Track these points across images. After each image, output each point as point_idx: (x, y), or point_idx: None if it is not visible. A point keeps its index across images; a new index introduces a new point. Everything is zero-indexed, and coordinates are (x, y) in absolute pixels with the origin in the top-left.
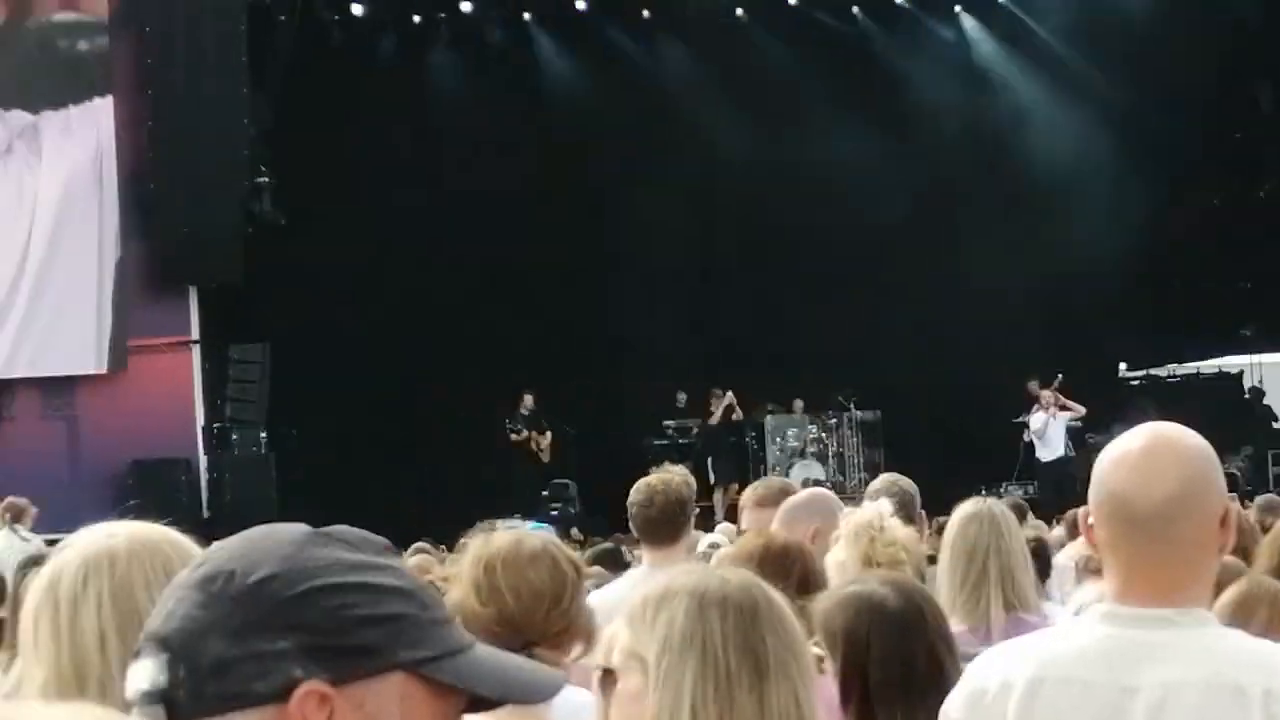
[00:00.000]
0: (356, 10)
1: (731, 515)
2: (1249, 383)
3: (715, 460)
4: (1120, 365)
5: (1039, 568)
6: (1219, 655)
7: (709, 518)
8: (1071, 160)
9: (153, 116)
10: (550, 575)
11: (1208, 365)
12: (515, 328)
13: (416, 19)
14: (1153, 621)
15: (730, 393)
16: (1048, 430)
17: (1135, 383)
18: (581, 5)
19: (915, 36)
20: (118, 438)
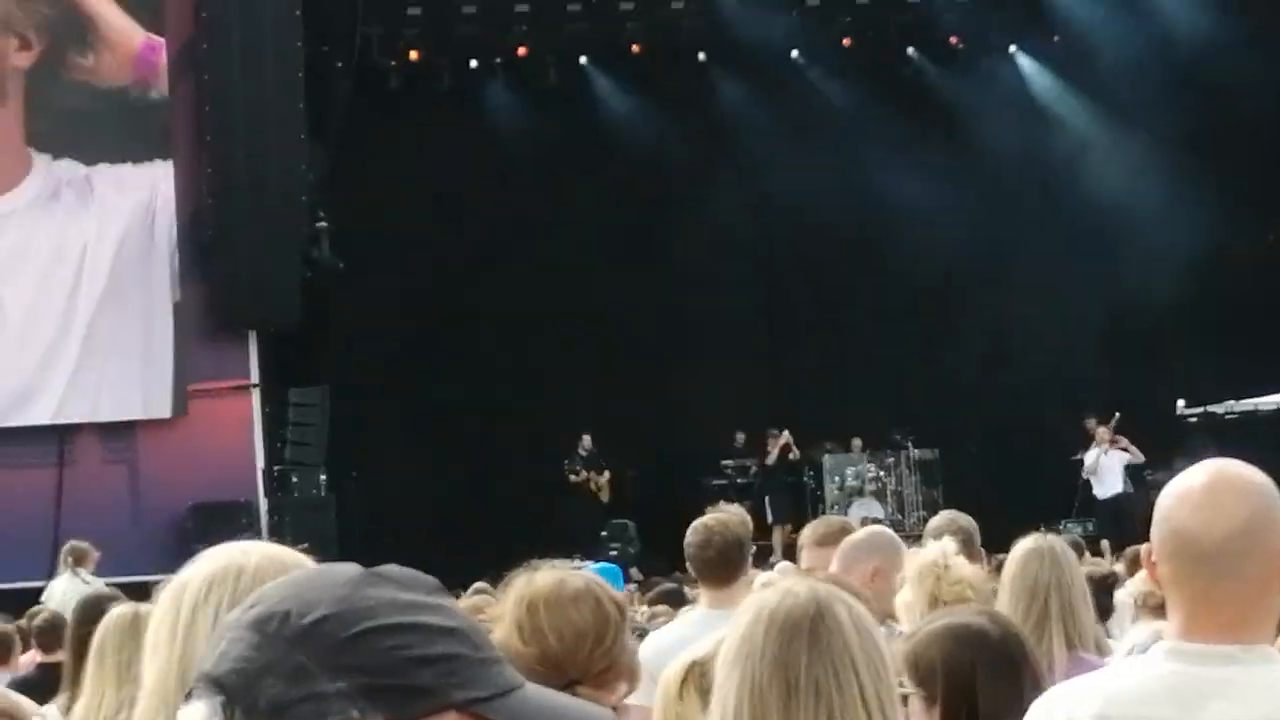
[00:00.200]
0: (413, 55)
1: (790, 554)
2: None
3: (773, 499)
4: (1178, 402)
5: (1103, 605)
6: None
7: (766, 557)
8: (1128, 195)
9: (211, 163)
10: (593, 615)
11: (1267, 402)
12: (574, 368)
13: (473, 63)
14: (1217, 658)
15: (786, 432)
16: (1100, 466)
17: (1193, 419)
18: (637, 49)
19: (971, 75)
20: (178, 481)
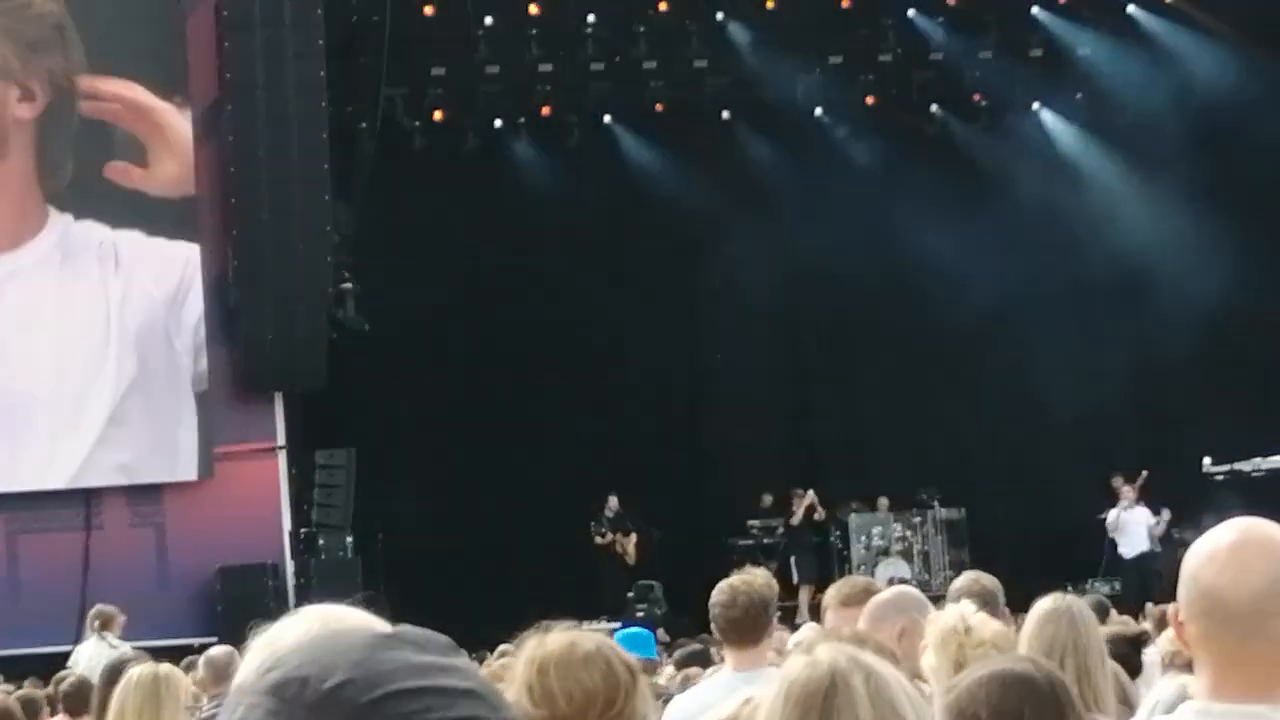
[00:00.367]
0: (437, 116)
1: (815, 615)
2: None
3: (798, 559)
4: (1205, 460)
5: (1133, 663)
6: None
7: (792, 617)
8: (1153, 250)
9: (237, 225)
10: (603, 678)
11: None
12: (599, 428)
13: (497, 123)
14: (1246, 717)
15: (811, 492)
16: (1123, 524)
17: (1220, 478)
18: (660, 107)
19: (994, 131)
20: (205, 544)
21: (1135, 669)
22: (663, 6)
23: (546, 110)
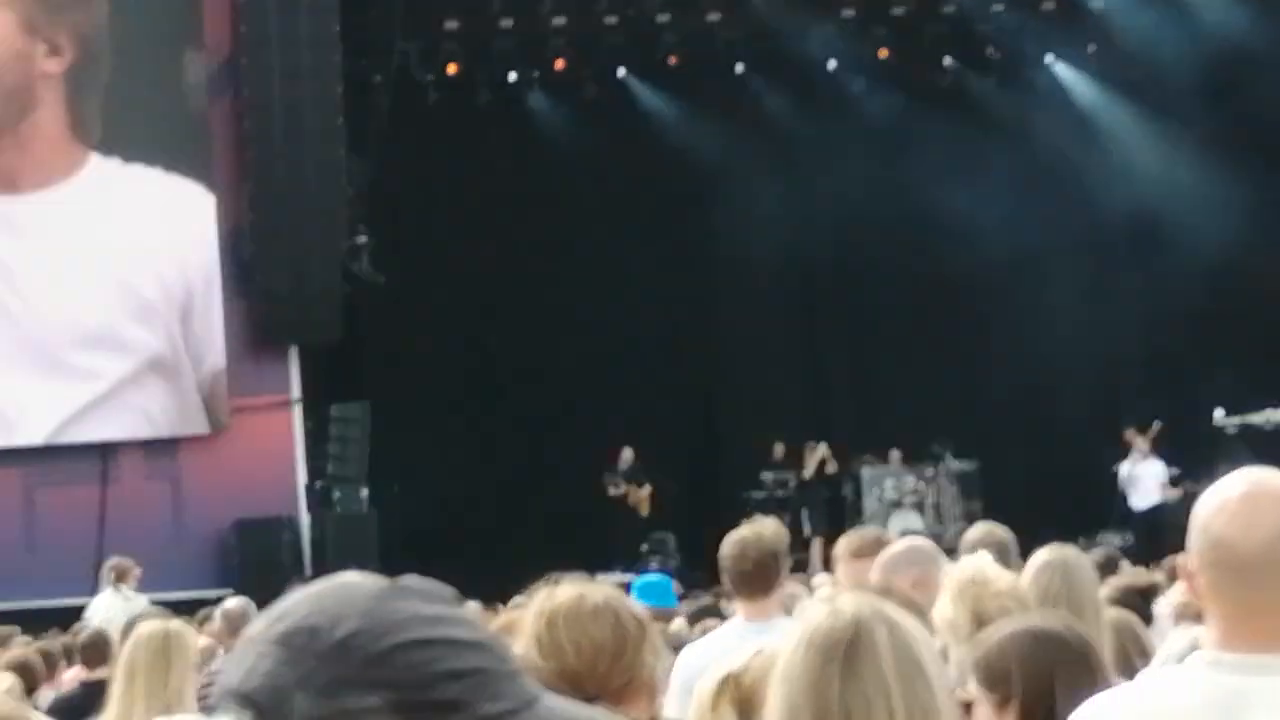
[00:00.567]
0: (451, 69)
1: (827, 567)
2: None
3: (810, 512)
4: (1217, 412)
5: (1143, 616)
6: None
7: (804, 570)
8: (1166, 203)
9: (251, 178)
10: (612, 630)
11: None
12: (614, 380)
13: (511, 76)
14: (1256, 668)
15: (824, 444)
16: (1135, 476)
17: (1231, 430)
18: (674, 60)
19: (1008, 84)
20: (220, 498)
21: (1146, 620)
22: None
23: (560, 64)
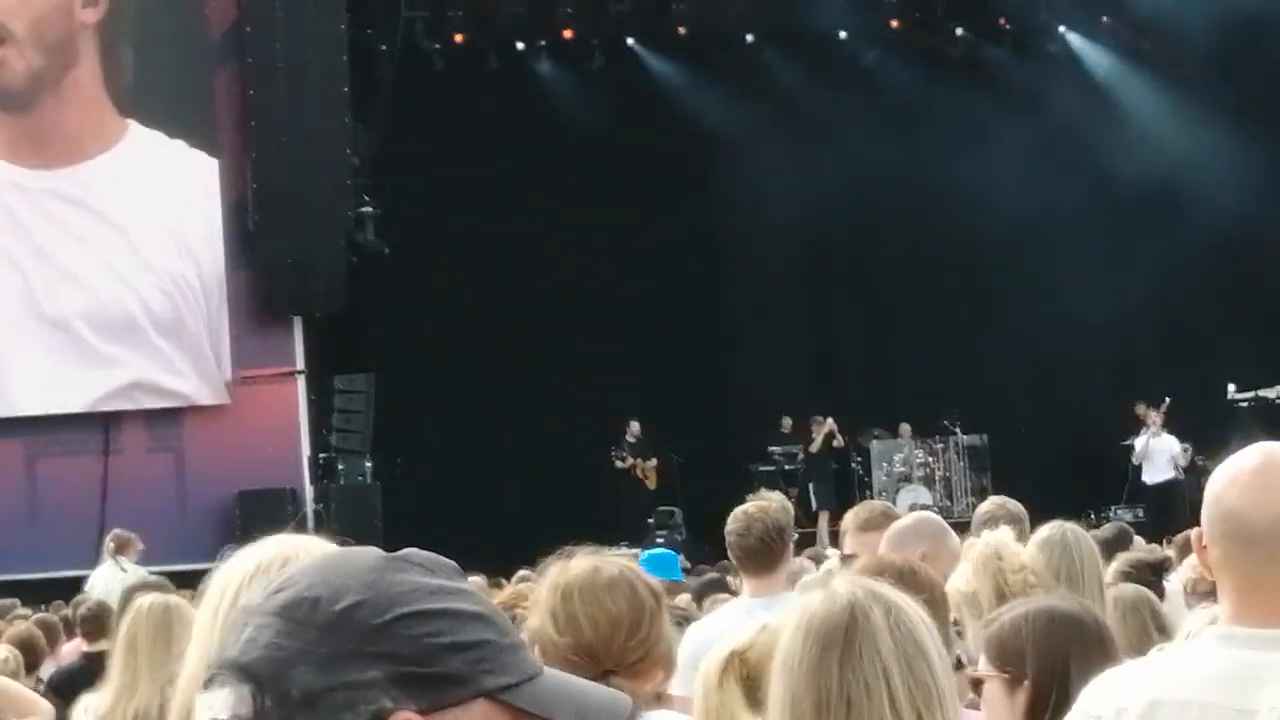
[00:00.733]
0: (458, 38)
1: (835, 542)
2: None
3: (817, 486)
4: (1229, 386)
5: (1155, 591)
6: None
7: (811, 544)
8: (1179, 175)
9: (255, 147)
10: (628, 603)
11: None
12: (622, 352)
13: (519, 45)
14: (1269, 642)
15: (830, 419)
16: (1149, 451)
17: (1244, 404)
18: (683, 30)
19: (1020, 54)
20: (224, 469)
21: (1158, 596)
22: None
23: (568, 33)
